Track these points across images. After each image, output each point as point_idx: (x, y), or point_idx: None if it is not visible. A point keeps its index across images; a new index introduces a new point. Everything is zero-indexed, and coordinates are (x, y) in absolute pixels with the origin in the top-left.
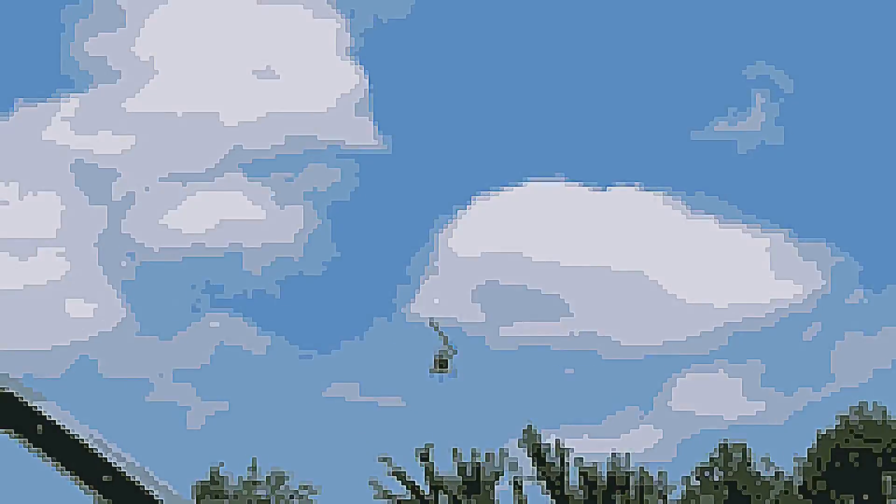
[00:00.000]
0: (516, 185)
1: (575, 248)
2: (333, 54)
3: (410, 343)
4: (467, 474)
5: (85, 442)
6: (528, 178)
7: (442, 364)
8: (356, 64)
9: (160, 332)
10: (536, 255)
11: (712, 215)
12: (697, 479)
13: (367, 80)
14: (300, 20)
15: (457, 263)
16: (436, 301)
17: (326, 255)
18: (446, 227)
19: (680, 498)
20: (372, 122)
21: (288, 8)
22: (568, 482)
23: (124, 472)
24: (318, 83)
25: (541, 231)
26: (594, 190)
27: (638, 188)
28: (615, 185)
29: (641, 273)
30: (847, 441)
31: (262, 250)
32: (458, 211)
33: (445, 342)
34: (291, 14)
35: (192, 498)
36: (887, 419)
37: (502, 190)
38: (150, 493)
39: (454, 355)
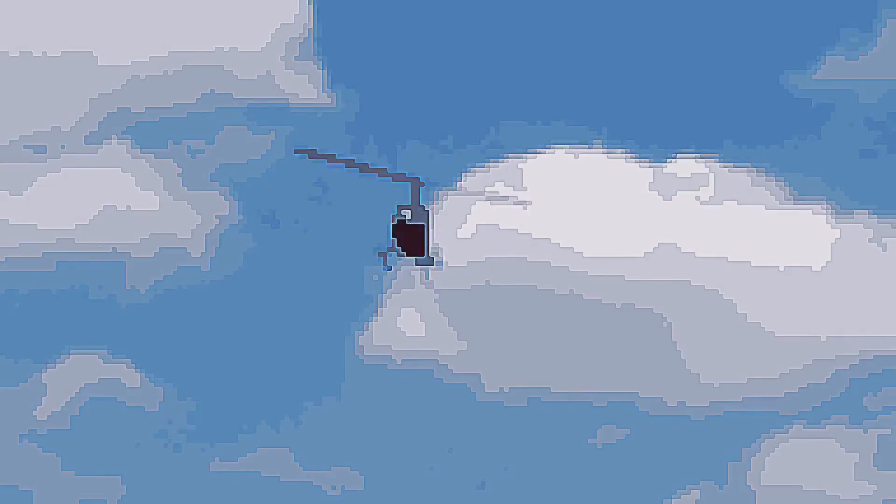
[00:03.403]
0: (530, 155)
1: (605, 243)
2: None
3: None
4: None
5: None
6: (550, 146)
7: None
8: None
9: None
10: (554, 257)
11: (820, 204)
12: None
13: (312, 9)
14: None
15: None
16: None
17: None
18: None
19: None
20: (320, 70)
21: None
22: None
23: None
24: (243, 11)
25: (560, 221)
26: (645, 162)
27: (708, 161)
28: (677, 157)
29: (716, 292)
30: None
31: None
32: (440, 193)
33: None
34: None
35: None
36: None
37: (505, 161)
38: None
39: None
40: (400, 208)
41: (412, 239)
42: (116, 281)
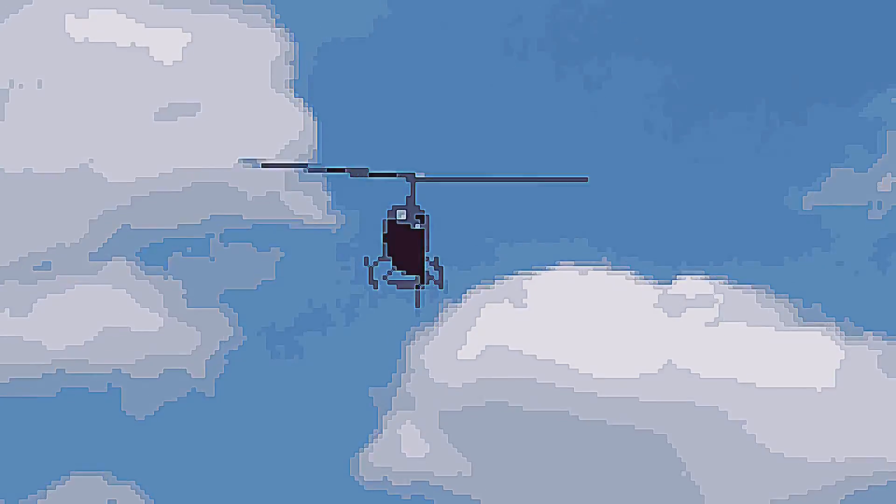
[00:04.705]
0: (535, 272)
1: (611, 364)
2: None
3: None
4: None
5: None
6: (556, 264)
7: None
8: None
9: None
10: (559, 377)
11: (828, 325)
12: None
13: (317, 129)
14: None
15: (435, 394)
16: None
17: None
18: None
19: None
20: (325, 190)
21: (207, 19)
22: None
23: None
24: (249, 130)
25: (565, 341)
26: (650, 282)
27: (712, 281)
28: (683, 277)
29: (723, 413)
30: None
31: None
32: (443, 312)
33: None
34: (212, 28)
35: None
36: None
37: (511, 278)
38: None
39: None
40: (395, 208)
41: (407, 246)
42: (118, 402)
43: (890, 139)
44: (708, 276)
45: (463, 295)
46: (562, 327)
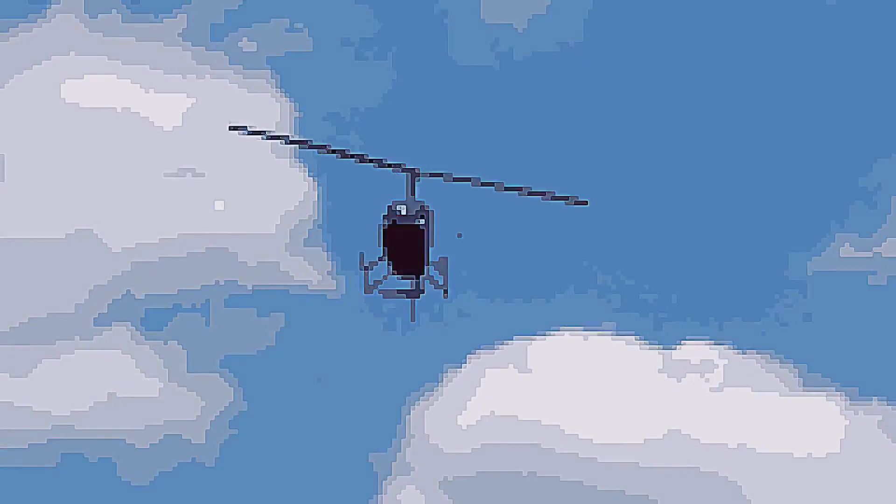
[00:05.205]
0: (537, 337)
1: (614, 429)
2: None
3: None
4: None
5: None
6: (558, 328)
7: None
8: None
9: None
10: (561, 443)
11: (832, 390)
12: None
13: (319, 195)
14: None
15: (435, 460)
16: None
17: None
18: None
19: None
20: (327, 257)
21: (208, 83)
22: None
23: None
24: (250, 195)
25: (568, 406)
26: (654, 347)
27: (715, 346)
28: (687, 342)
29: (726, 479)
30: None
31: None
32: (445, 377)
33: None
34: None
35: None
36: None
37: (512, 342)
38: None
39: None
40: (395, 204)
41: (407, 246)
42: (116, 470)
43: (894, 204)
44: (712, 341)
45: (464, 360)
46: (565, 393)
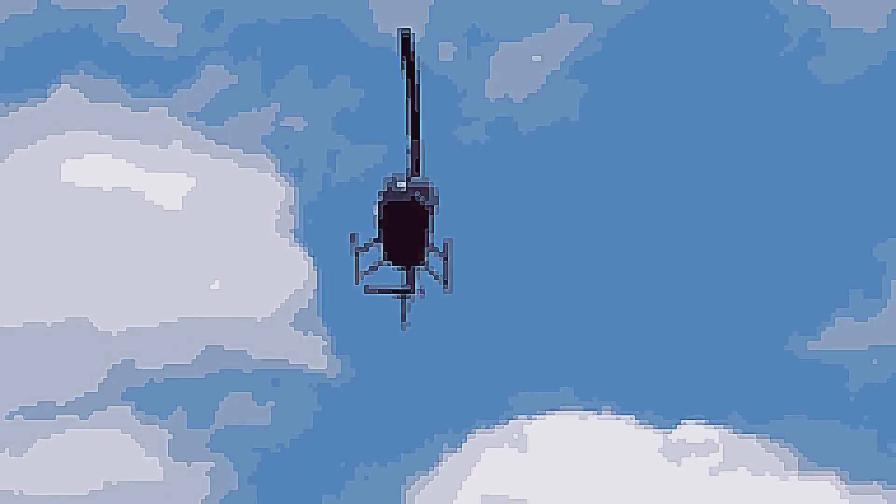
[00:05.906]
0: (536, 418)
1: None
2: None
3: None
4: None
5: None
6: (557, 409)
7: None
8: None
9: None
10: None
11: (832, 473)
12: None
13: (319, 277)
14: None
15: None
16: None
17: None
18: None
19: None
20: (324, 337)
21: (208, 163)
22: None
23: None
24: (250, 277)
25: (565, 487)
26: (653, 428)
27: (715, 428)
28: (685, 423)
29: None
30: None
31: None
32: (445, 455)
33: None
34: (213, 173)
35: None
36: None
37: (510, 423)
38: None
39: None
40: (395, 178)
41: (406, 229)
42: None
43: (894, 287)
44: (710, 423)
45: (462, 440)
46: (563, 473)
